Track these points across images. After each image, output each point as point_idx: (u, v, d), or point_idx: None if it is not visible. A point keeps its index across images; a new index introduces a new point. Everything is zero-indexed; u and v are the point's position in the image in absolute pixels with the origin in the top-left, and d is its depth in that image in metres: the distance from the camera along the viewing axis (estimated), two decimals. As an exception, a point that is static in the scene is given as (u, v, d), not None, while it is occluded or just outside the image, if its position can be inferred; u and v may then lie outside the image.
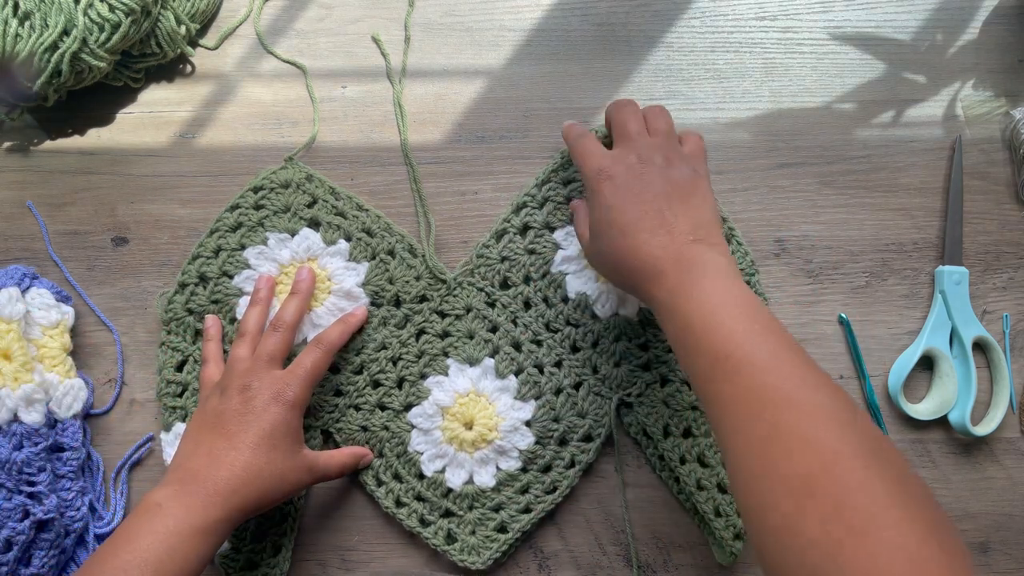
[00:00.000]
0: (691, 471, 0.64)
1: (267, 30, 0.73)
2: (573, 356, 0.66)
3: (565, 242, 0.67)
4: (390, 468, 0.66)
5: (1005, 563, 0.67)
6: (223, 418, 0.59)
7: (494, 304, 0.67)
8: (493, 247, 0.67)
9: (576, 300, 0.66)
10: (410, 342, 0.66)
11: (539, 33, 0.73)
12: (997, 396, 0.68)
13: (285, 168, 0.68)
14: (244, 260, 0.66)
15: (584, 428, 0.66)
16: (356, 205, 0.68)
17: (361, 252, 0.67)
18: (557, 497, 0.65)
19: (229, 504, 0.56)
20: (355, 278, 0.66)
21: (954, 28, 0.73)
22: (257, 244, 0.67)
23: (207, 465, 0.57)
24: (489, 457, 0.65)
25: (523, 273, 0.67)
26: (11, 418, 0.61)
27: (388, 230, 0.68)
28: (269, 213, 0.67)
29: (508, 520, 0.65)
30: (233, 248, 0.66)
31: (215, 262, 0.66)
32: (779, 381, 0.46)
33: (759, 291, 0.67)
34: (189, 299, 0.66)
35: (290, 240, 0.67)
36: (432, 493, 0.65)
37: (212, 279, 0.66)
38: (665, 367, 0.66)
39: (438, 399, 0.65)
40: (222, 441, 0.58)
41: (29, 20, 0.63)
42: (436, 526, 0.65)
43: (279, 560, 0.64)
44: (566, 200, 0.67)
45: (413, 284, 0.67)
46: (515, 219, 0.67)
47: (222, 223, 0.67)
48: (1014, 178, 0.71)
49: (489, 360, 0.66)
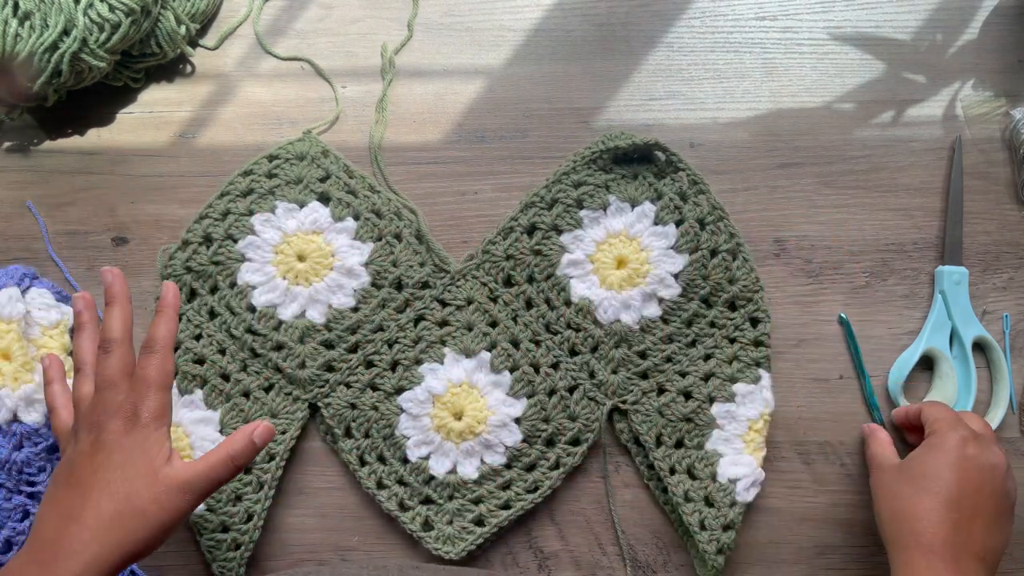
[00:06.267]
0: (680, 482, 0.64)
1: (267, 30, 0.73)
2: (571, 359, 0.66)
3: (572, 246, 0.67)
4: (375, 449, 0.66)
5: (1005, 563, 0.67)
6: (74, 467, 0.52)
7: (496, 300, 0.67)
8: (499, 244, 0.67)
9: (579, 304, 0.66)
10: (408, 327, 0.66)
11: (539, 33, 0.73)
12: (997, 396, 0.68)
13: (302, 140, 0.69)
14: (250, 226, 0.66)
15: (573, 431, 0.66)
16: (369, 186, 0.68)
17: (368, 232, 0.67)
18: (537, 497, 0.65)
19: (80, 563, 0.48)
20: (358, 257, 0.66)
21: (954, 28, 0.73)
22: (265, 211, 0.67)
23: (59, 529, 0.49)
24: (475, 449, 0.65)
25: (527, 273, 0.67)
26: (11, 418, 0.62)
27: (398, 214, 0.68)
28: (281, 183, 0.67)
29: (486, 514, 0.65)
30: (241, 213, 0.66)
31: (221, 225, 0.66)
32: None
33: (761, 308, 0.67)
34: (191, 257, 0.66)
35: (298, 211, 0.67)
36: (414, 479, 0.65)
37: (216, 240, 0.66)
38: (663, 376, 0.66)
39: (431, 386, 0.65)
40: (75, 494, 0.50)
41: (29, 20, 0.63)
42: (415, 512, 0.65)
43: (249, 528, 0.64)
44: (576, 203, 0.67)
45: (416, 270, 0.67)
46: (523, 218, 0.67)
47: (233, 186, 0.67)
48: (1014, 178, 0.71)
49: (486, 354, 0.66)
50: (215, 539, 0.63)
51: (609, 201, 0.67)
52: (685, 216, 0.66)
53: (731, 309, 0.67)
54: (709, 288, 0.66)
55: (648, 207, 0.67)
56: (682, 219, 0.66)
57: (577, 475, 0.67)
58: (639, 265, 0.66)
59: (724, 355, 0.66)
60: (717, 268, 0.66)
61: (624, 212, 0.67)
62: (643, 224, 0.67)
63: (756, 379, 0.66)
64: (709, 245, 0.66)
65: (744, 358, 0.66)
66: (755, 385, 0.66)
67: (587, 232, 0.67)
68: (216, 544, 0.63)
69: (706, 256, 0.66)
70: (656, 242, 0.66)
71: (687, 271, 0.66)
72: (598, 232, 0.67)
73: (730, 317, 0.67)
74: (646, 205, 0.67)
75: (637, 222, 0.67)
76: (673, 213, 0.67)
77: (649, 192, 0.67)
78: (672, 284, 0.66)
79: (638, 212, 0.67)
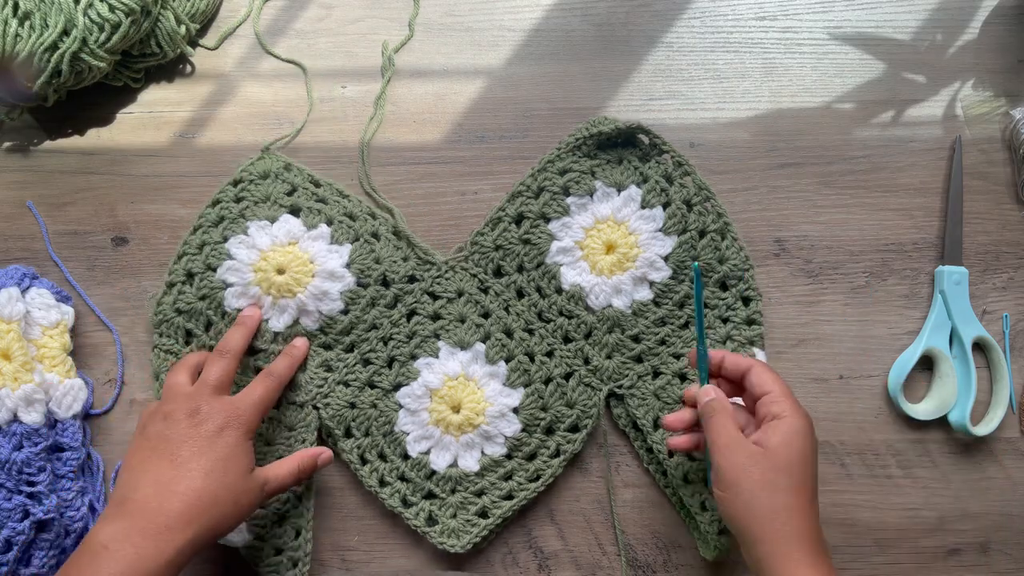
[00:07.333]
0: (679, 464, 0.65)
1: (267, 30, 0.73)
2: (565, 346, 0.67)
3: (560, 233, 0.67)
4: (375, 447, 0.66)
5: (1005, 563, 0.67)
6: (171, 444, 0.56)
7: (487, 291, 0.67)
8: (488, 235, 0.67)
9: (570, 291, 0.66)
10: (401, 322, 0.66)
11: (539, 33, 0.73)
12: (997, 396, 0.68)
13: (263, 159, 0.68)
14: (226, 251, 0.66)
15: (571, 418, 0.66)
16: (337, 192, 0.68)
17: (343, 234, 0.66)
18: (540, 486, 0.65)
19: (183, 539, 0.52)
20: (339, 259, 0.66)
21: (954, 28, 0.73)
22: (238, 234, 0.66)
23: (156, 496, 0.53)
24: (475, 441, 0.66)
25: (517, 262, 0.67)
26: (11, 418, 0.61)
27: (371, 215, 0.68)
28: (249, 203, 0.67)
29: (490, 506, 0.65)
30: (216, 242, 0.66)
31: (199, 258, 0.66)
32: None
33: (752, 286, 0.67)
34: (177, 299, 0.66)
35: (270, 227, 0.66)
36: (416, 474, 0.65)
37: (198, 274, 0.66)
38: (657, 359, 0.66)
39: (427, 380, 0.65)
40: (171, 469, 0.55)
41: (29, 20, 0.63)
42: (418, 507, 0.65)
43: (300, 542, 0.64)
44: (562, 191, 0.67)
45: (401, 264, 0.67)
46: (510, 208, 0.67)
47: (204, 219, 0.67)
48: (1014, 178, 0.71)
49: (480, 345, 0.66)
50: (272, 563, 0.63)
51: (595, 187, 0.67)
52: (671, 198, 0.67)
53: (722, 289, 0.67)
54: None
55: (634, 191, 0.67)
56: (669, 201, 0.67)
57: (577, 475, 0.67)
58: (628, 249, 0.66)
59: (717, 335, 0.66)
60: (706, 248, 0.66)
61: (611, 197, 0.67)
62: (630, 208, 0.67)
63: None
64: (697, 226, 0.66)
65: (738, 337, 0.66)
66: None
67: (575, 219, 0.67)
68: (274, 567, 0.63)
69: (695, 237, 0.66)
70: (644, 225, 0.66)
71: (676, 253, 0.66)
72: (586, 218, 0.67)
73: (721, 297, 0.67)
74: (632, 189, 0.67)
75: (624, 206, 0.67)
76: (659, 196, 0.67)
77: (635, 176, 0.67)
78: (662, 267, 0.66)
79: (625, 196, 0.67)
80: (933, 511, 0.67)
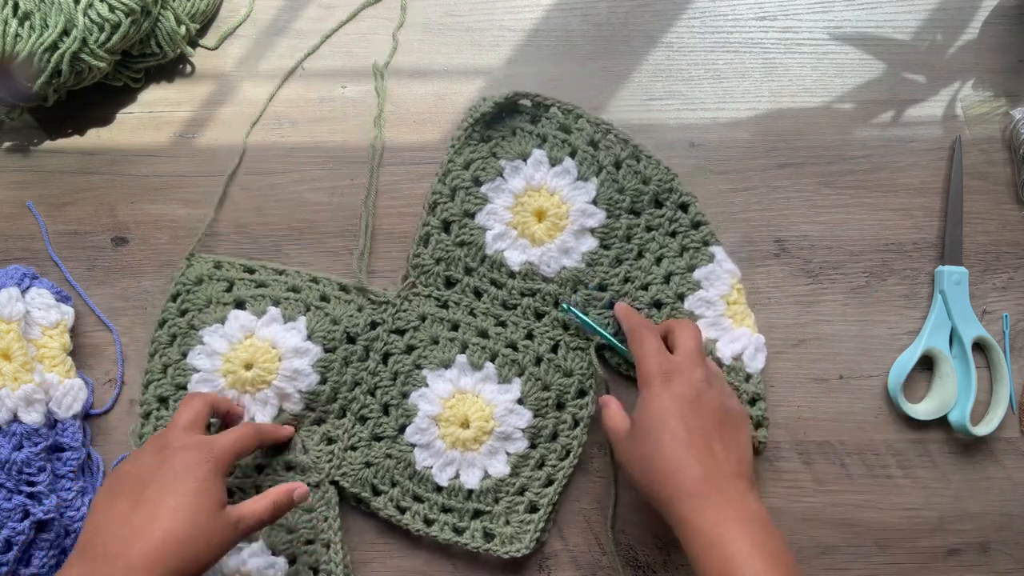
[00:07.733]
0: None
1: (267, 30, 0.73)
2: (540, 323, 0.67)
3: (489, 222, 0.67)
4: (407, 493, 0.65)
5: (1005, 563, 0.67)
6: (138, 483, 0.53)
7: (446, 305, 0.67)
8: (424, 253, 0.67)
9: (522, 271, 0.67)
10: (380, 369, 0.66)
11: (539, 33, 0.73)
12: (997, 396, 0.68)
13: (191, 265, 0.68)
14: (190, 366, 0.66)
15: (574, 385, 0.66)
16: (273, 271, 0.68)
17: (294, 309, 0.66)
18: (573, 459, 0.65)
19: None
20: (298, 335, 0.65)
21: (954, 28, 0.73)
22: (195, 345, 0.66)
23: (120, 539, 0.50)
24: (495, 447, 0.66)
25: (462, 266, 0.67)
26: (11, 418, 0.61)
27: (313, 281, 0.68)
28: (194, 312, 0.66)
29: (535, 499, 0.65)
30: (176, 360, 0.66)
31: (166, 380, 0.66)
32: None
33: (682, 192, 0.67)
34: (157, 425, 0.66)
35: (222, 328, 0.66)
36: (455, 501, 0.65)
37: (169, 397, 0.66)
38: (628, 298, 0.67)
39: (427, 411, 0.65)
40: (137, 509, 0.52)
41: (29, 20, 0.63)
42: (471, 530, 0.65)
43: (331, 555, 0.64)
44: (473, 182, 0.67)
45: (358, 316, 0.66)
46: (433, 220, 0.67)
47: (158, 343, 0.67)
48: (1014, 178, 0.71)
49: (461, 357, 0.66)
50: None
51: (502, 166, 0.68)
52: (575, 145, 0.68)
53: (658, 207, 0.68)
54: (629, 198, 0.67)
55: (539, 153, 0.68)
56: (574, 150, 0.68)
57: (577, 475, 0.67)
58: (556, 208, 0.67)
59: (673, 251, 0.67)
60: (627, 176, 0.67)
61: (519, 169, 0.68)
62: (542, 171, 0.68)
63: (711, 258, 0.67)
64: (609, 160, 0.67)
65: (691, 245, 0.67)
66: (712, 264, 0.67)
67: (496, 203, 0.67)
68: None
69: (612, 171, 0.67)
70: (561, 181, 0.67)
71: (602, 192, 0.67)
72: (505, 198, 0.68)
73: (661, 214, 0.67)
74: (536, 152, 0.68)
75: (535, 172, 0.67)
76: (563, 148, 0.68)
77: (533, 140, 0.68)
78: (594, 211, 0.67)
79: (532, 162, 0.68)
80: (933, 511, 0.67)
